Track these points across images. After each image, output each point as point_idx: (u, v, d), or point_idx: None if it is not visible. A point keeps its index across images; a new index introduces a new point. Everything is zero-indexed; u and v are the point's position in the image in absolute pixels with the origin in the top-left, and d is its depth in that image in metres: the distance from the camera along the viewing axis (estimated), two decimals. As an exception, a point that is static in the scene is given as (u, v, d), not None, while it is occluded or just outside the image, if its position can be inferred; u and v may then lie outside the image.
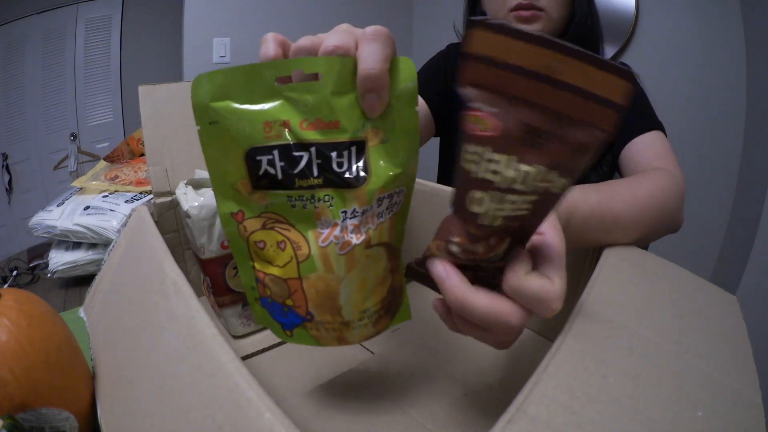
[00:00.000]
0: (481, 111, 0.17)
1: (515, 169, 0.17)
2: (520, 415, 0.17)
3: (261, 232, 0.25)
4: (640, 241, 0.35)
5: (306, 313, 0.26)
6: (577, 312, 0.24)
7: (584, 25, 0.58)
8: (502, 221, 0.19)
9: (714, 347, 0.24)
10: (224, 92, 0.23)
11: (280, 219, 0.24)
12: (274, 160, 0.23)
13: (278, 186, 0.23)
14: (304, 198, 0.23)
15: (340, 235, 0.24)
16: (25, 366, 0.24)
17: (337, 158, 0.22)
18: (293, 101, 0.22)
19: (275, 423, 0.16)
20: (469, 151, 0.18)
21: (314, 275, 0.24)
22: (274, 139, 0.22)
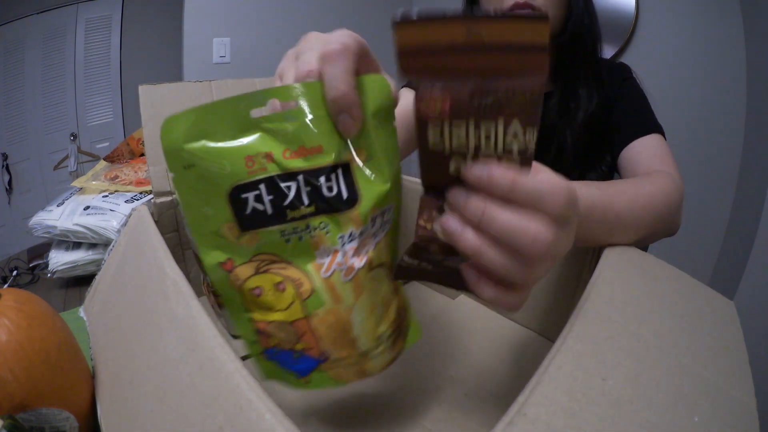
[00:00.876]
0: (428, 95, 0.19)
1: (478, 130, 0.19)
2: (521, 416, 0.17)
3: (255, 278, 0.23)
4: (639, 242, 0.35)
5: (319, 354, 0.24)
6: (577, 312, 0.24)
7: (581, 24, 0.59)
8: None
9: (711, 352, 0.25)
10: (198, 131, 0.21)
11: (274, 258, 0.23)
12: (262, 195, 0.21)
13: (269, 222, 0.22)
14: (298, 230, 0.22)
15: (343, 261, 0.23)
16: (25, 366, 0.24)
17: (326, 183, 0.22)
18: (273, 132, 0.21)
19: (276, 424, 0.16)
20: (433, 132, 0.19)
21: (322, 310, 0.23)
22: (258, 173, 0.21)
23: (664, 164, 0.52)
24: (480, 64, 0.18)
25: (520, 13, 0.18)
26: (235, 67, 1.84)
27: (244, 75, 0.50)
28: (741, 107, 1.35)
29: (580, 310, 0.24)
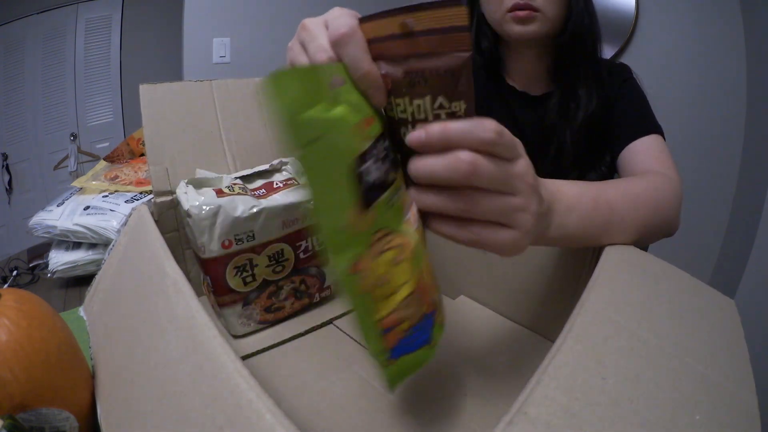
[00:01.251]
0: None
1: (411, 105, 0.23)
2: (521, 416, 0.17)
3: (377, 265, 0.21)
4: (639, 242, 0.35)
5: (432, 307, 0.25)
6: (577, 312, 0.24)
7: (581, 24, 0.59)
8: None
9: (712, 351, 0.24)
10: (313, 97, 0.18)
11: (385, 232, 0.22)
12: (376, 163, 0.21)
13: (381, 191, 0.21)
14: (398, 191, 0.23)
15: (415, 209, 0.24)
16: (25, 366, 0.24)
17: (387, 146, 0.23)
18: (348, 104, 0.21)
19: (276, 425, 0.16)
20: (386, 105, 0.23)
21: (423, 262, 0.24)
22: (367, 141, 0.21)
23: (663, 165, 0.52)
24: (410, 49, 0.22)
25: (438, 1, 0.20)
26: (235, 67, 1.84)
27: (244, 75, 0.50)
28: (741, 107, 1.35)
29: (580, 309, 0.24)
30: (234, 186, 0.41)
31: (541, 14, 0.57)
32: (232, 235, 0.38)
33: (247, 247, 0.39)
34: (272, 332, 0.43)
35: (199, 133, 0.46)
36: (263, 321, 0.43)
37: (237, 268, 0.40)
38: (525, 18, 0.56)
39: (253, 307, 0.42)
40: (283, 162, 0.47)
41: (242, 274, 0.40)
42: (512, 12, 0.57)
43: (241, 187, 0.41)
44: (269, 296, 0.43)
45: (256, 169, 0.46)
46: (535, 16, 0.56)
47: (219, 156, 0.47)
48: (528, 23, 0.57)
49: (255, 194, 0.41)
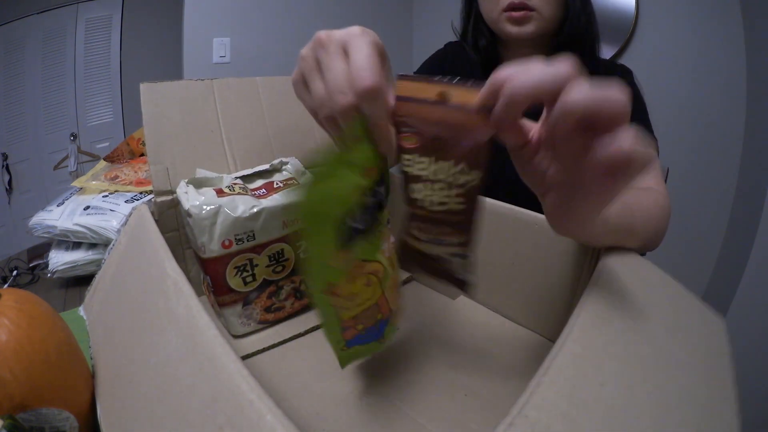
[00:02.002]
0: (407, 132, 0.25)
1: (434, 165, 0.25)
2: (521, 418, 0.17)
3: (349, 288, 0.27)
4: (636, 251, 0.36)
5: (388, 313, 0.31)
6: (577, 313, 0.24)
7: (578, 24, 0.58)
8: (439, 207, 0.26)
9: (700, 368, 0.25)
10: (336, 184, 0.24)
11: (359, 263, 0.27)
12: (359, 216, 0.25)
13: (363, 234, 0.26)
14: (374, 231, 0.27)
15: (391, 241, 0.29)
16: (25, 366, 0.24)
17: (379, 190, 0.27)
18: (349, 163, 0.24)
19: (276, 425, 0.16)
20: (405, 159, 0.26)
21: (389, 281, 0.29)
22: (362, 194, 0.25)
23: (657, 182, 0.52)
24: (443, 117, 0.24)
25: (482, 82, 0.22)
26: (235, 67, 1.84)
27: (244, 75, 0.50)
28: (741, 107, 1.35)
29: (580, 311, 0.24)
30: (234, 186, 0.41)
31: (536, 14, 0.56)
32: (232, 235, 0.38)
33: (248, 246, 0.39)
34: (272, 332, 0.43)
35: (199, 133, 0.46)
36: (263, 321, 0.43)
37: (237, 268, 0.40)
38: (520, 19, 0.56)
39: (253, 307, 0.42)
40: (284, 162, 0.47)
41: (242, 273, 0.40)
42: (507, 12, 0.57)
43: (242, 186, 0.41)
44: (269, 296, 0.43)
45: (256, 168, 0.46)
46: (531, 16, 0.56)
47: (219, 155, 0.47)
48: (523, 24, 0.57)
49: (255, 194, 0.41)
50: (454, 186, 0.25)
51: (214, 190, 0.39)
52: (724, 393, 0.24)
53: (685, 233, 1.46)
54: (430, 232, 0.27)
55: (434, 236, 0.28)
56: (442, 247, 0.28)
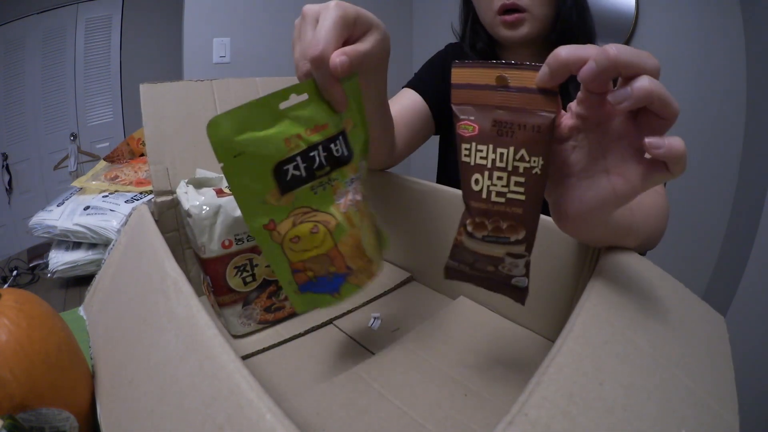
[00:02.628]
0: (465, 120, 0.25)
1: (494, 152, 0.25)
2: (521, 417, 0.17)
3: (293, 230, 0.30)
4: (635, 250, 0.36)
5: (345, 269, 0.32)
6: (577, 313, 0.24)
7: (569, 21, 0.58)
8: (500, 198, 0.25)
9: (700, 366, 0.25)
10: (244, 126, 0.27)
11: (307, 210, 0.30)
12: (299, 165, 0.29)
13: (303, 182, 0.29)
14: (323, 183, 0.30)
15: (352, 198, 0.31)
16: (25, 366, 0.24)
17: (335, 147, 0.29)
18: (295, 118, 0.28)
19: (276, 424, 0.16)
20: (464, 148, 0.26)
21: (345, 236, 0.31)
22: (294, 150, 0.28)
23: None
24: (503, 101, 0.24)
25: (538, 65, 0.23)
26: (235, 67, 1.84)
27: (244, 75, 0.50)
28: (741, 107, 1.35)
29: (580, 310, 0.24)
30: (234, 186, 0.41)
31: (528, 15, 0.57)
32: (232, 235, 0.38)
33: (248, 246, 0.39)
34: (272, 332, 0.43)
35: (199, 133, 0.46)
36: (263, 321, 0.43)
37: (237, 268, 0.40)
38: (514, 22, 0.57)
39: (253, 307, 0.42)
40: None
41: (242, 274, 0.40)
42: (501, 16, 0.57)
43: (242, 187, 0.41)
44: (269, 296, 0.43)
45: (256, 169, 0.46)
46: (523, 18, 0.57)
47: (219, 156, 0.47)
48: (517, 27, 0.57)
49: (255, 194, 0.41)
50: (515, 174, 0.24)
51: (213, 190, 0.39)
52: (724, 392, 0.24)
53: (685, 233, 1.46)
54: (489, 228, 0.26)
55: (492, 232, 0.26)
56: (500, 246, 0.27)
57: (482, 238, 0.27)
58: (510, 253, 0.27)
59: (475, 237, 0.27)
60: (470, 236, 0.27)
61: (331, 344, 0.41)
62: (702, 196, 1.44)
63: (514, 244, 0.26)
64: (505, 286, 0.30)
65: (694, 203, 1.46)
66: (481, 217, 0.26)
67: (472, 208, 0.26)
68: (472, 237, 0.27)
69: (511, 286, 0.30)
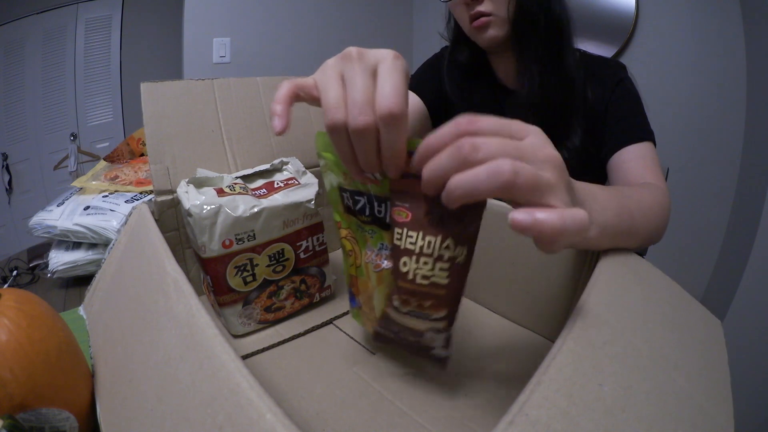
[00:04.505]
0: (400, 206, 0.27)
1: (422, 239, 0.26)
2: (522, 417, 0.17)
3: (344, 240, 0.35)
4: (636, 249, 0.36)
5: (358, 301, 0.36)
6: (577, 313, 0.24)
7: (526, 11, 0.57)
8: (424, 281, 0.26)
9: (697, 369, 0.25)
10: (326, 146, 0.31)
11: (353, 236, 0.34)
12: (349, 198, 0.32)
13: (352, 213, 0.33)
14: (362, 227, 0.32)
15: (374, 258, 0.32)
16: (25, 366, 0.24)
17: (378, 206, 0.30)
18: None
19: (276, 424, 0.16)
20: (396, 233, 0.27)
21: (362, 279, 0.34)
22: (349, 185, 0.31)
23: (656, 177, 0.53)
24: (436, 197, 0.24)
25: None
26: (235, 67, 1.84)
27: (244, 75, 0.50)
28: (741, 107, 1.35)
29: (579, 311, 0.24)
30: (235, 185, 0.41)
31: (493, 17, 0.58)
32: (232, 235, 0.38)
33: (248, 246, 0.39)
34: (272, 332, 0.43)
35: (200, 132, 0.46)
36: (263, 321, 0.43)
37: (237, 268, 0.40)
38: (482, 26, 0.59)
39: (253, 307, 0.42)
40: (284, 162, 0.47)
41: (243, 273, 0.40)
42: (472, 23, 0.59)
43: (242, 186, 0.41)
44: (269, 296, 0.43)
45: (256, 168, 0.46)
46: (488, 21, 0.58)
47: (220, 155, 0.47)
48: (485, 30, 0.59)
49: (256, 194, 0.41)
50: (440, 261, 0.26)
51: (214, 189, 0.39)
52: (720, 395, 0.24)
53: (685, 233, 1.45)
54: (413, 305, 0.28)
55: (416, 308, 0.28)
56: (423, 321, 0.28)
57: (407, 312, 0.28)
58: (432, 328, 0.29)
59: (400, 311, 0.29)
60: (396, 310, 0.29)
61: (331, 344, 0.41)
62: (702, 196, 1.44)
63: (435, 320, 0.28)
64: (425, 355, 0.32)
65: (694, 203, 1.46)
66: (406, 295, 0.27)
67: (399, 287, 0.27)
68: (398, 311, 0.29)
69: (430, 355, 0.32)
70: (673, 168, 1.47)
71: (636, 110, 0.60)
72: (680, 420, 0.21)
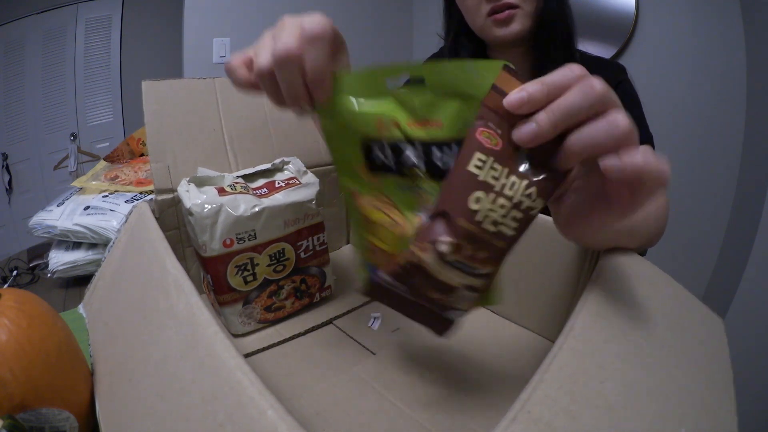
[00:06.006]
0: (491, 129, 0.22)
1: (507, 177, 0.22)
2: (524, 414, 0.17)
3: (375, 212, 0.28)
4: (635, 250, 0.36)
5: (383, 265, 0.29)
6: (578, 311, 0.24)
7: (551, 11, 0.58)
8: (492, 226, 0.22)
9: (699, 367, 0.25)
10: (344, 89, 0.27)
11: (387, 200, 0.28)
12: (386, 152, 0.26)
13: (389, 172, 0.27)
14: (411, 186, 0.27)
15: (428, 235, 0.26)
16: (25, 366, 0.24)
17: (440, 154, 0.25)
18: (402, 102, 0.26)
19: (278, 421, 0.16)
20: (478, 158, 0.22)
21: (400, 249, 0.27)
22: (386, 135, 0.26)
23: None
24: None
25: None
26: (235, 67, 1.84)
27: (245, 74, 0.50)
28: (741, 107, 1.35)
29: (581, 309, 0.24)
30: (236, 185, 0.41)
31: (520, 11, 0.57)
32: (233, 234, 0.38)
33: (249, 246, 0.39)
34: (272, 332, 0.43)
35: (201, 131, 0.46)
36: (263, 320, 0.43)
37: (238, 267, 0.39)
38: (506, 19, 0.58)
39: (253, 307, 0.42)
40: (285, 161, 0.47)
41: (243, 273, 0.40)
42: (491, 16, 0.58)
43: (243, 185, 0.41)
44: (270, 295, 0.43)
45: (257, 167, 0.46)
46: (515, 14, 0.57)
47: (221, 154, 0.47)
48: (509, 23, 0.58)
49: (257, 193, 0.41)
50: (516, 209, 0.22)
51: (215, 188, 0.39)
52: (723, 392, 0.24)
53: (685, 233, 1.45)
54: (464, 253, 0.23)
55: (465, 259, 0.23)
56: (464, 276, 0.24)
57: (452, 262, 0.23)
58: (468, 285, 0.24)
59: (444, 259, 0.23)
60: (439, 258, 0.23)
61: (331, 344, 0.41)
62: (702, 196, 1.44)
63: (479, 276, 0.24)
64: (432, 317, 0.27)
65: (694, 203, 1.46)
66: (463, 239, 0.22)
67: (460, 228, 0.22)
68: (441, 259, 0.23)
69: (440, 317, 0.27)
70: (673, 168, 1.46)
71: (635, 114, 0.60)
72: (682, 417, 0.20)
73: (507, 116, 0.22)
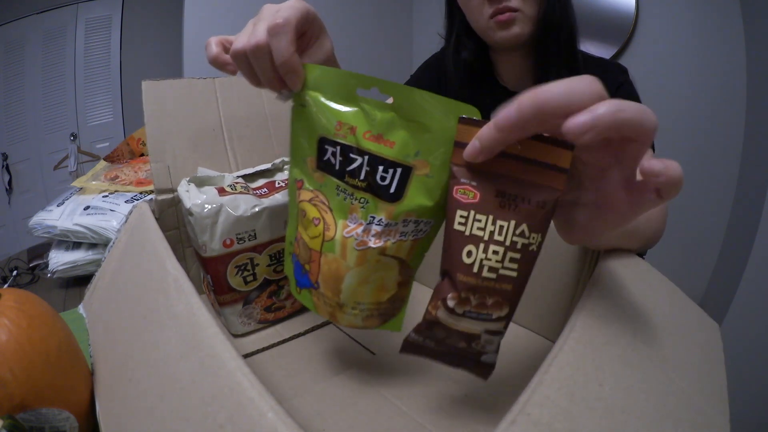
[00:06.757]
0: (466, 184, 0.23)
1: (493, 224, 0.22)
2: (523, 416, 0.17)
3: (308, 204, 0.30)
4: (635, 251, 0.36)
5: (315, 281, 0.30)
6: (578, 312, 0.24)
7: (553, 14, 0.58)
8: (491, 274, 0.23)
9: (695, 371, 0.25)
10: (317, 84, 0.28)
11: (324, 201, 0.29)
12: (336, 153, 0.28)
13: (333, 174, 0.28)
14: (347, 192, 0.28)
15: (362, 234, 0.28)
16: (25, 366, 0.24)
17: (382, 172, 0.26)
18: (365, 112, 0.27)
19: (278, 423, 0.16)
20: (460, 216, 0.23)
21: (331, 255, 0.29)
22: (340, 137, 0.27)
23: None
24: (509, 169, 0.22)
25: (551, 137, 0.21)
26: (236, 67, 1.84)
27: (245, 74, 0.50)
28: (741, 107, 1.35)
29: (580, 311, 0.24)
30: (236, 185, 0.41)
31: (520, 14, 0.58)
32: (233, 234, 0.38)
33: (249, 246, 0.39)
34: (272, 332, 0.43)
35: (201, 131, 0.46)
36: (263, 320, 0.43)
37: (238, 267, 0.39)
38: (507, 21, 0.58)
39: (253, 307, 0.42)
40: (285, 161, 0.47)
41: (243, 273, 0.40)
42: (494, 18, 0.58)
43: (243, 185, 0.41)
44: (270, 295, 0.43)
45: (258, 168, 0.46)
46: (515, 17, 0.58)
47: (221, 154, 0.47)
48: (510, 26, 0.58)
49: (257, 193, 0.41)
50: (512, 250, 0.23)
51: (215, 188, 0.39)
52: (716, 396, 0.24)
53: (685, 233, 1.45)
54: (473, 304, 0.24)
55: (476, 308, 0.24)
56: (480, 323, 0.24)
57: (463, 313, 0.24)
58: (488, 330, 0.25)
59: (455, 313, 0.24)
60: (450, 312, 0.24)
61: (331, 344, 0.41)
62: (702, 196, 1.44)
63: (495, 321, 0.24)
64: (470, 362, 0.28)
65: (694, 203, 1.46)
66: (467, 292, 0.23)
67: (459, 282, 0.23)
68: (453, 313, 0.24)
69: (479, 363, 0.28)
70: (673, 168, 1.47)
71: None
72: (679, 420, 0.21)
73: (476, 165, 0.23)
